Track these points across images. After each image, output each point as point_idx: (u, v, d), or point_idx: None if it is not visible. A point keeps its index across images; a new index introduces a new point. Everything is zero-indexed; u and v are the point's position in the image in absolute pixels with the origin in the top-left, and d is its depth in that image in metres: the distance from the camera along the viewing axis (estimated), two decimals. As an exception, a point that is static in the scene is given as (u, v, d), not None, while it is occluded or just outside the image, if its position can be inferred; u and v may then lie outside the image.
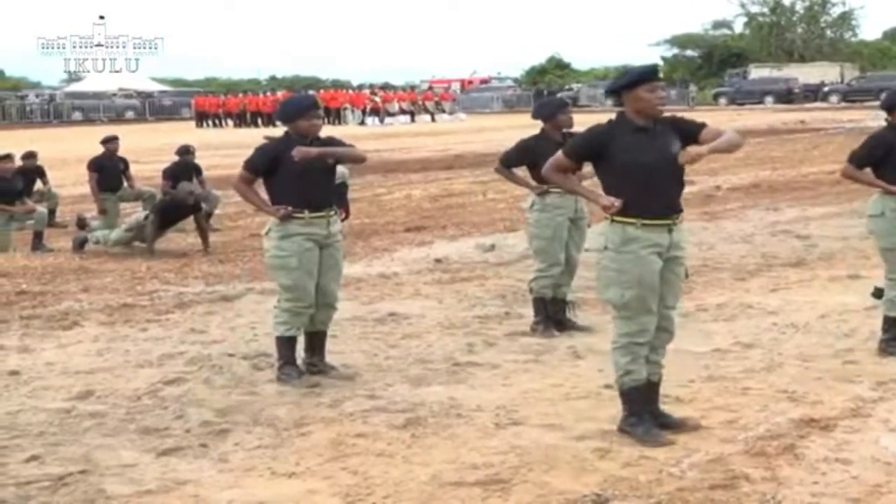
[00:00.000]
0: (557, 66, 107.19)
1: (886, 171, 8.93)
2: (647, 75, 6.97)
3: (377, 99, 68.67)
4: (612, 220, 7.02)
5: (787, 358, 8.80)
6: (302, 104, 9.09)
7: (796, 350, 9.15)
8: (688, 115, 7.42)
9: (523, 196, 10.78)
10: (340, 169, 17.81)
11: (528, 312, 10.53)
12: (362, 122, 65.29)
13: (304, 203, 8.58)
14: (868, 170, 9.15)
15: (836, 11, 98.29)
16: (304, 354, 8.90)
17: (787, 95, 74.95)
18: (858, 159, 9.19)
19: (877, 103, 11.45)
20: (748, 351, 9.29)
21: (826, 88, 73.81)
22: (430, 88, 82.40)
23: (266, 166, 8.77)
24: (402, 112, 68.15)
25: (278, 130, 9.18)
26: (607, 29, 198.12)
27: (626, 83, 7.00)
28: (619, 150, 6.94)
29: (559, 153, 7.23)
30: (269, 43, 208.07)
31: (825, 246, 14.69)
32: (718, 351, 9.31)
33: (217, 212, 18.10)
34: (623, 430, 7.09)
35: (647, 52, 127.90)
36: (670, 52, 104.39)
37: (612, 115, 7.21)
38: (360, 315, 11.08)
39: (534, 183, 10.16)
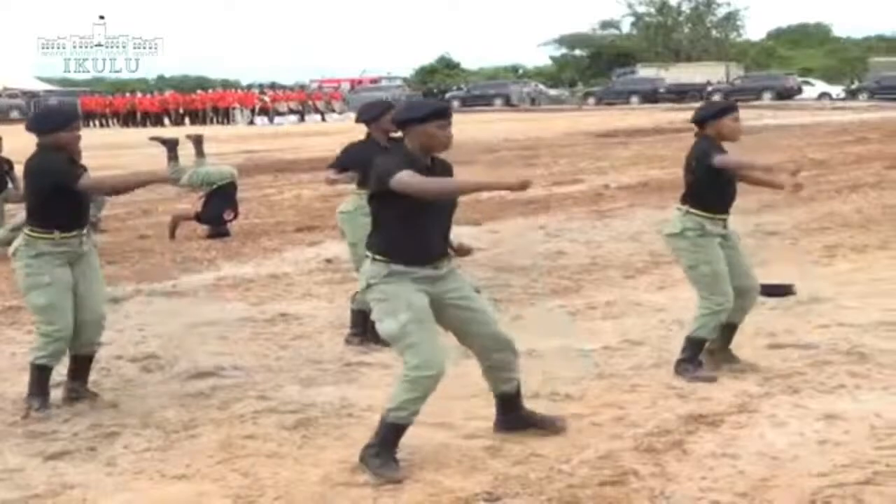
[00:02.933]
0: (447, 66, 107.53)
1: (702, 190, 8.57)
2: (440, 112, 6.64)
3: (266, 98, 68.43)
4: None
5: (675, 355, 8.87)
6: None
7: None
8: (574, 115, 7.34)
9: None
10: (228, 168, 17.77)
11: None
12: (251, 122, 65.05)
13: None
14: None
15: (721, 12, 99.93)
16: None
17: (653, 95, 76.21)
18: None
19: (758, 102, 11.49)
20: (637, 348, 9.37)
21: (709, 88, 74.91)
22: (320, 88, 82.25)
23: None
24: (292, 112, 67.94)
25: (168, 132, 9.10)
26: (497, 29, 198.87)
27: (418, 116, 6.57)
28: None
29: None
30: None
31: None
32: (607, 348, 9.38)
33: (104, 213, 17.88)
34: (363, 460, 6.61)
35: (536, 52, 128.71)
36: (559, 51, 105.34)
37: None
38: (250, 316, 11.02)
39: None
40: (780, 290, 11.18)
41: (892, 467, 6.44)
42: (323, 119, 67.14)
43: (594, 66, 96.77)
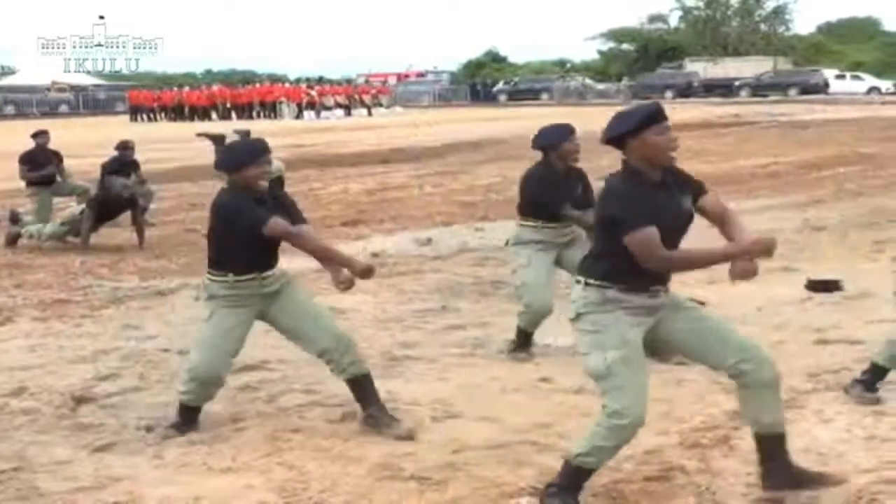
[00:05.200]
0: (494, 60, 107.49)
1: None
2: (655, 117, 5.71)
3: (313, 93, 68.52)
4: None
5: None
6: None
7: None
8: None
9: (462, 190, 10.69)
10: (276, 163, 17.82)
11: (465, 306, 10.53)
12: (298, 116, 65.12)
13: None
14: None
15: (770, 6, 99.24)
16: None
17: (687, 89, 76.08)
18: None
19: (780, 97, 11.29)
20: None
21: (737, 83, 74.87)
22: (367, 82, 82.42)
23: None
24: (338, 106, 68.02)
25: (216, 126, 9.08)
26: (544, 23, 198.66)
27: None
28: None
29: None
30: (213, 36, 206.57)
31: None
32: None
33: (152, 206, 17.98)
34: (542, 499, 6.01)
35: (583, 46, 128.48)
36: (606, 45, 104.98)
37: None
38: (296, 309, 11.03)
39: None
40: (828, 286, 11.12)
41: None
42: (369, 113, 67.21)
43: (642, 61, 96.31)
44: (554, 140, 9.14)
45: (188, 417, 7.38)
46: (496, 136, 37.58)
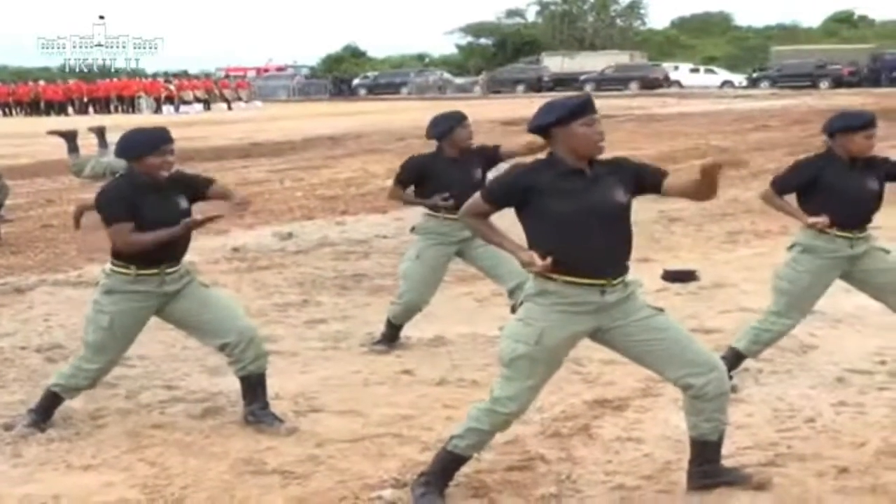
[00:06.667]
0: (353, 55, 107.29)
1: None
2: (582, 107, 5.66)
3: (172, 87, 67.82)
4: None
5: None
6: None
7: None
8: (480, 102, 7.14)
9: (322, 185, 10.68)
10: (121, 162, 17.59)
11: (326, 300, 10.53)
12: (157, 111, 64.41)
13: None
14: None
15: (625, 1, 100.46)
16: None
17: (537, 84, 77.13)
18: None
19: (629, 92, 11.43)
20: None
21: (582, 77, 75.87)
22: (227, 76, 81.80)
23: None
24: (197, 100, 67.41)
25: (72, 121, 8.95)
26: (403, 17, 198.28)
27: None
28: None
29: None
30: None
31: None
32: (514, 335, 9.43)
33: (7, 202, 17.68)
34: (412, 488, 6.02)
35: (442, 40, 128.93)
36: (465, 40, 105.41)
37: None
38: (156, 305, 10.94)
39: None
40: (683, 277, 11.33)
41: (793, 449, 6.58)
42: (229, 108, 66.71)
43: (500, 55, 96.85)
44: (446, 128, 9.06)
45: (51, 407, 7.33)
46: (356, 130, 37.56)
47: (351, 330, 9.84)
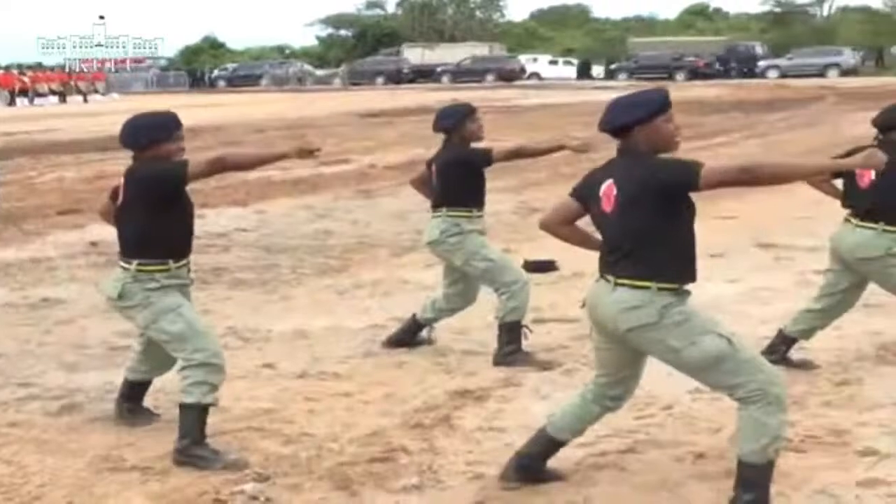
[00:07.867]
0: (212, 46, 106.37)
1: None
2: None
3: (26, 79, 66.61)
4: None
5: (441, 332, 8.99)
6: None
7: (450, 323, 9.28)
8: (341, 95, 7.14)
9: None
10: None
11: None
12: (11, 103, 63.19)
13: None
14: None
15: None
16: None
17: (397, 76, 77.68)
18: None
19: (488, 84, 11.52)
20: (404, 326, 9.44)
21: (439, 69, 76.34)
22: (82, 69, 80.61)
23: None
24: (53, 93, 66.30)
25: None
26: (263, 9, 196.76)
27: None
28: None
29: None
30: None
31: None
32: (375, 326, 9.44)
33: None
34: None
35: (303, 32, 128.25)
36: (325, 31, 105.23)
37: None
38: (11, 301, 10.77)
39: None
40: (544, 266, 11.41)
41: (651, 436, 6.68)
42: (85, 100, 65.73)
43: (360, 47, 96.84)
44: (453, 121, 8.75)
45: None
46: (215, 122, 37.20)
47: (211, 324, 9.74)
